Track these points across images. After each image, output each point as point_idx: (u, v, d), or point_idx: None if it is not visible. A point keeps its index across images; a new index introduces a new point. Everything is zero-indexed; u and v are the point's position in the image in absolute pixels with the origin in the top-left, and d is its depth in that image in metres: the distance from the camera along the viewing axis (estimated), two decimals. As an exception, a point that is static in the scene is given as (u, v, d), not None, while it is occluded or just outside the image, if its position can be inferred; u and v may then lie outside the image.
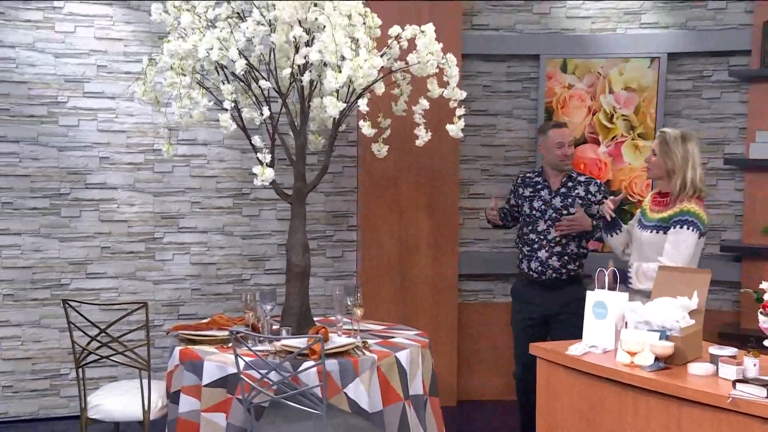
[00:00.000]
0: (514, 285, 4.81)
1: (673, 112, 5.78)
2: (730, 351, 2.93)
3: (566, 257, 4.51)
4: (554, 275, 4.51)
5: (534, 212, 4.60)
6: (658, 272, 3.40)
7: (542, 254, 4.54)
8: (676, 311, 3.08)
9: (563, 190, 4.59)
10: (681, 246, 3.74)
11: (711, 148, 5.75)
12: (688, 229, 3.75)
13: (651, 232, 3.88)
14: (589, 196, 4.56)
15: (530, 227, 4.62)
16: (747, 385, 2.65)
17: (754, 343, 2.99)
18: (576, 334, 3.77)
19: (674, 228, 3.78)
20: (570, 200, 4.55)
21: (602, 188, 4.62)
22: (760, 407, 2.59)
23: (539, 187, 4.66)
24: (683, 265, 3.68)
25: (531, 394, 4.42)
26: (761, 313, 2.84)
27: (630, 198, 5.24)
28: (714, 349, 2.96)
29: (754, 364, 2.80)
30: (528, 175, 4.79)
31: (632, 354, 3.01)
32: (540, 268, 4.53)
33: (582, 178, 4.65)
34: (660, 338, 2.99)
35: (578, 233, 4.49)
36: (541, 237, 4.56)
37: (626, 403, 2.99)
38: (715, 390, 2.73)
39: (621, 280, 3.58)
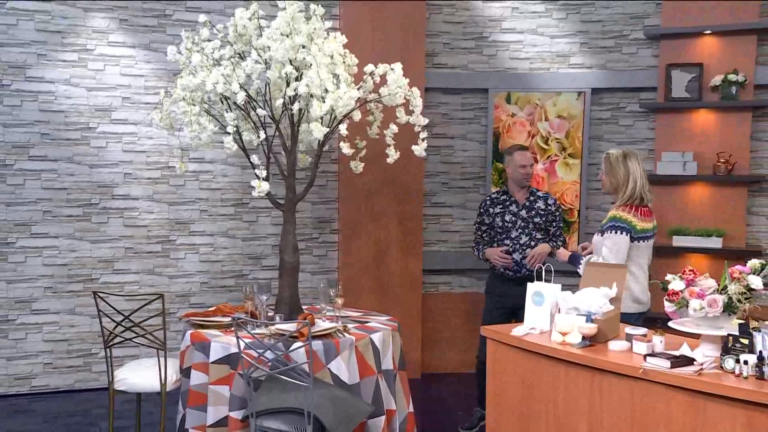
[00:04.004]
0: (489, 283, 4.69)
1: (596, 136, 5.83)
2: (641, 331, 2.95)
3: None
4: (527, 272, 4.43)
5: (506, 224, 4.55)
6: (586, 267, 3.41)
7: (516, 256, 4.50)
8: (599, 299, 3.09)
9: (527, 203, 4.56)
10: (609, 244, 3.69)
11: (627, 166, 5.80)
12: (610, 233, 3.71)
13: (596, 234, 3.87)
14: (548, 207, 4.56)
15: (504, 236, 4.55)
16: (655, 359, 2.67)
17: (661, 324, 3.01)
18: None
19: (608, 234, 3.72)
20: (534, 211, 4.53)
21: (556, 202, 4.62)
22: (665, 376, 2.60)
23: (507, 203, 4.59)
24: (614, 260, 3.64)
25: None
26: (666, 299, 2.86)
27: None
28: (629, 330, 2.97)
29: (661, 341, 2.82)
30: (493, 195, 4.69)
31: (564, 334, 3.01)
32: (515, 267, 4.50)
33: (540, 194, 4.63)
34: (586, 321, 3.00)
35: (546, 243, 4.48)
36: (514, 242, 4.52)
37: (559, 374, 2.99)
38: (629, 362, 2.74)
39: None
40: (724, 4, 5.33)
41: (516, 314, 4.35)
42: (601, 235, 3.79)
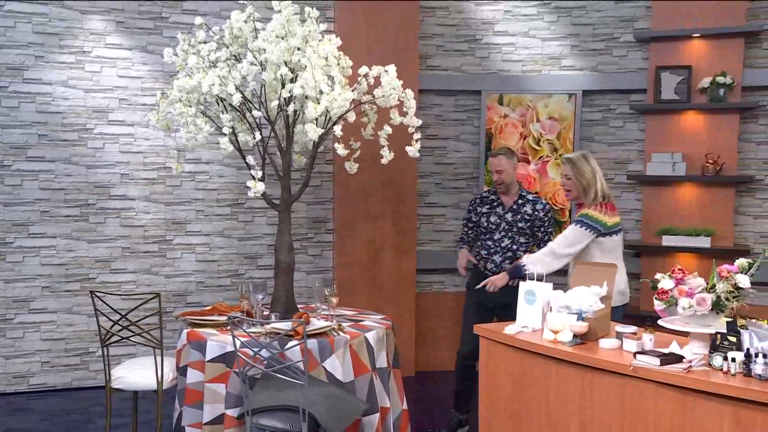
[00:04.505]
0: (470, 280, 4.64)
1: (587, 137, 5.84)
2: (631, 329, 2.95)
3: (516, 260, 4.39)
4: None
5: (490, 225, 4.50)
6: (576, 266, 3.41)
7: (497, 258, 4.45)
8: (590, 297, 3.10)
9: (515, 206, 4.47)
10: (568, 234, 3.72)
11: (617, 167, 5.82)
12: (576, 225, 3.73)
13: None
14: (536, 212, 4.46)
15: (487, 236, 4.50)
16: (645, 356, 2.68)
17: (651, 322, 3.02)
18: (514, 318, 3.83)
19: (573, 225, 3.77)
20: (519, 216, 4.46)
21: (546, 206, 4.51)
22: (654, 373, 2.61)
23: (495, 204, 4.51)
24: (564, 249, 3.69)
25: (469, 369, 4.43)
26: (656, 298, 2.87)
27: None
28: (619, 328, 2.98)
29: (651, 339, 2.83)
30: (483, 194, 4.63)
31: (555, 332, 3.02)
32: (495, 269, 4.43)
33: (530, 197, 4.51)
34: (577, 319, 3.01)
35: (523, 247, 4.46)
36: (496, 244, 4.48)
37: (550, 371, 3.00)
38: (619, 360, 2.75)
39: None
40: (712, 7, 5.35)
41: (495, 312, 4.33)
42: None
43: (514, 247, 4.46)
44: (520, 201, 4.49)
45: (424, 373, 5.75)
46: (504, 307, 4.19)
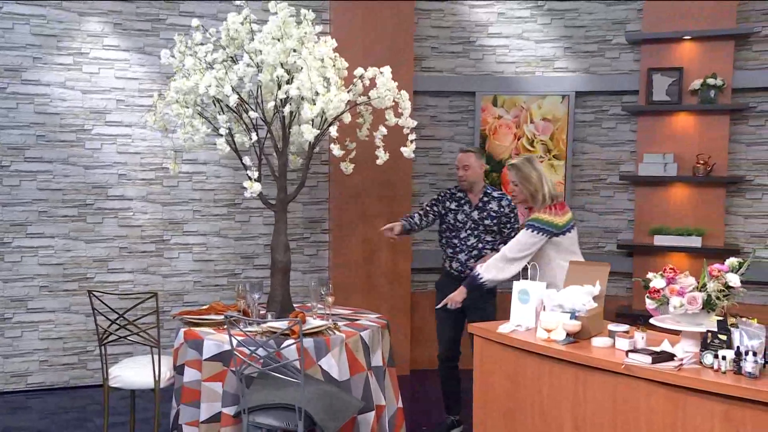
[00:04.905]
0: (439, 280, 4.56)
1: (580, 138, 5.85)
2: (624, 327, 2.96)
3: (481, 259, 4.32)
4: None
5: (457, 223, 4.37)
6: (570, 265, 3.41)
7: (462, 257, 4.35)
8: (583, 296, 3.10)
9: (480, 204, 4.37)
10: (520, 238, 3.68)
11: (609, 167, 5.83)
12: (527, 230, 3.68)
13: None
14: (501, 209, 4.36)
15: (453, 233, 4.39)
16: (637, 354, 2.69)
17: (643, 321, 3.03)
18: (485, 317, 3.94)
19: (525, 230, 3.71)
20: (485, 213, 4.34)
21: (510, 203, 4.34)
22: (646, 371, 2.62)
23: (462, 201, 4.39)
24: (517, 254, 3.65)
25: (452, 370, 4.41)
26: (648, 297, 2.88)
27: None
28: (612, 326, 2.98)
29: (643, 338, 2.84)
30: (451, 190, 4.48)
31: (549, 331, 3.02)
32: (460, 267, 4.34)
33: (496, 194, 4.40)
34: (570, 318, 3.01)
35: (489, 244, 4.38)
36: (462, 242, 4.36)
37: (544, 369, 3.00)
38: (612, 358, 2.76)
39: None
40: (703, 10, 5.37)
41: (465, 312, 4.20)
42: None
43: (480, 245, 4.34)
44: (485, 198, 4.38)
45: (419, 372, 5.75)
46: (471, 306, 4.15)
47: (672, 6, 5.44)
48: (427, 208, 4.49)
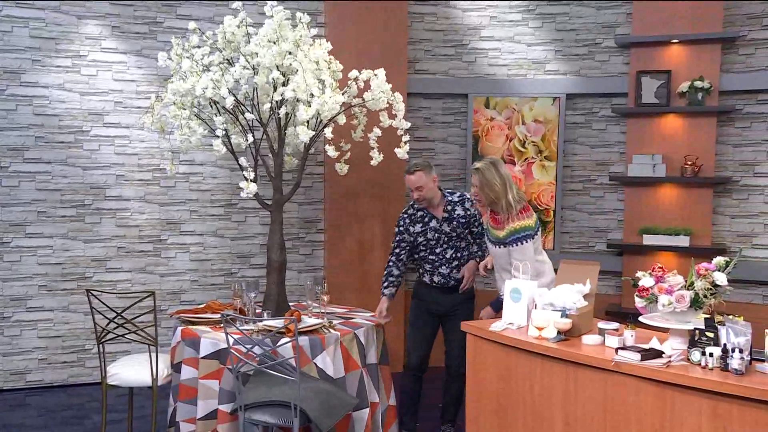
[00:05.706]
0: (416, 289, 4.28)
1: (571, 139, 5.86)
2: (613, 325, 2.96)
3: (465, 265, 4.19)
4: (454, 283, 4.14)
5: (429, 242, 4.09)
6: (561, 265, 3.42)
7: (444, 270, 4.12)
8: (574, 295, 3.11)
9: (446, 215, 4.07)
10: (526, 254, 3.61)
11: (599, 168, 5.84)
12: (524, 243, 3.64)
13: (497, 247, 3.76)
14: (467, 211, 4.09)
15: (428, 251, 4.11)
16: (626, 352, 2.69)
17: (632, 319, 3.03)
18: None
19: (513, 246, 3.64)
20: (455, 222, 4.07)
21: (470, 200, 4.10)
22: (635, 368, 2.62)
23: (426, 219, 4.08)
24: (537, 263, 3.63)
25: (418, 382, 4.20)
26: (637, 295, 2.88)
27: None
28: (602, 324, 2.98)
29: (632, 335, 2.84)
30: (410, 212, 4.14)
31: (540, 329, 3.02)
32: (443, 280, 4.13)
33: (455, 197, 4.12)
34: (561, 316, 3.02)
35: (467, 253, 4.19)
36: (441, 257, 4.10)
37: (535, 366, 3.00)
38: (602, 356, 2.76)
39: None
40: (691, 14, 5.38)
41: (442, 319, 4.16)
42: (503, 247, 3.70)
43: (458, 254, 4.13)
44: (449, 207, 4.09)
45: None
46: (449, 314, 4.10)
47: (660, 10, 5.45)
48: (398, 252, 4.17)
